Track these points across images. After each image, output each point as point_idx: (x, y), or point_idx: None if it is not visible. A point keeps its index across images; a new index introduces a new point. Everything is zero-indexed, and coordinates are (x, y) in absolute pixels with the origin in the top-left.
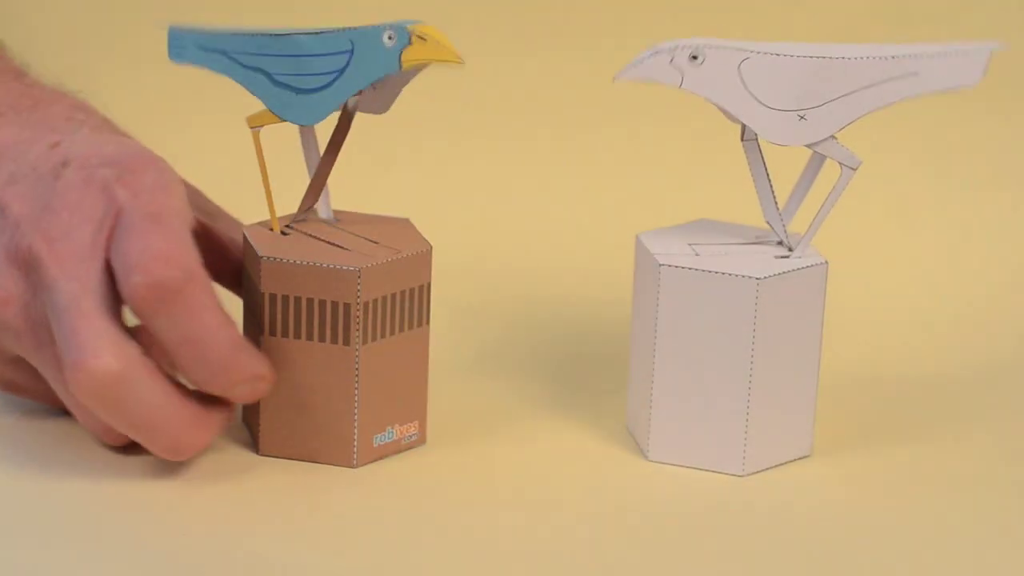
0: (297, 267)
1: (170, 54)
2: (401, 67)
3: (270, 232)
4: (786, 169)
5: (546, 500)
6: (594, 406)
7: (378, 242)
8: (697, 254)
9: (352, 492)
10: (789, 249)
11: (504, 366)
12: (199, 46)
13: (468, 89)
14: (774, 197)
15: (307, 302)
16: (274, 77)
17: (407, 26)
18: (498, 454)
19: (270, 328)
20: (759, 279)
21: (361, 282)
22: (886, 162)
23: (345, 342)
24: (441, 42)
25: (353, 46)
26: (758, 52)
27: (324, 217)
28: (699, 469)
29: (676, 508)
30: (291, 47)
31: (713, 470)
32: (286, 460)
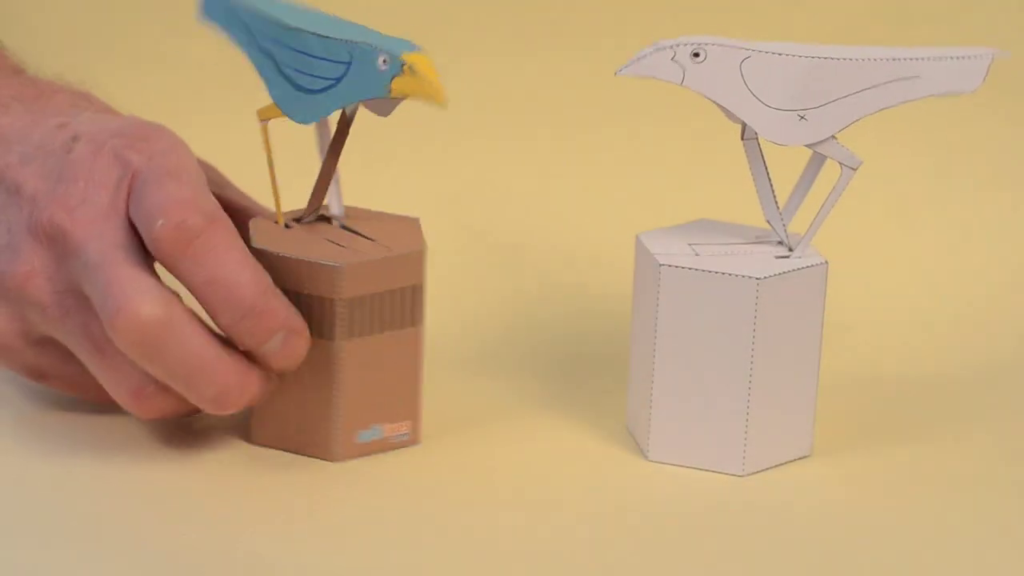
0: (284, 260)
1: (200, 10)
2: (389, 94)
3: (274, 225)
4: (786, 169)
5: (546, 500)
6: (594, 406)
7: (375, 240)
8: (697, 254)
9: (352, 491)
10: (789, 249)
11: (504, 366)
12: (228, 11)
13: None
14: (774, 197)
15: (293, 296)
16: (281, 68)
17: (402, 54)
18: (498, 454)
19: None
20: (759, 279)
21: (344, 278)
22: (886, 162)
23: (328, 337)
24: (428, 79)
25: (351, 59)
26: (760, 51)
27: (335, 213)
28: (699, 469)
29: (676, 508)
30: (300, 43)
31: (713, 470)
32: (286, 458)
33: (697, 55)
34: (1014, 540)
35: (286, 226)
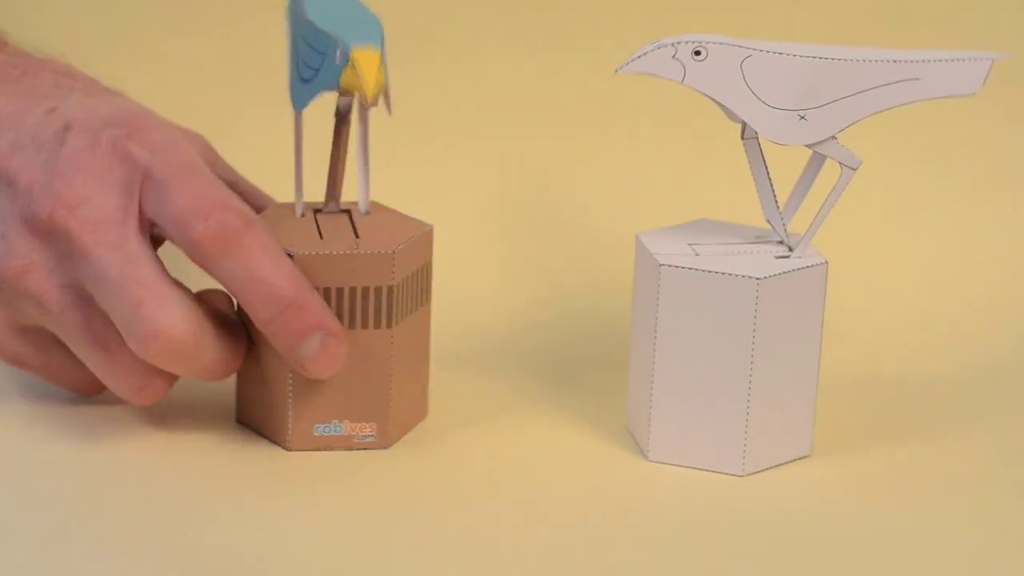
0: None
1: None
2: (339, 87)
3: (290, 213)
4: (786, 169)
5: (546, 500)
6: (594, 406)
7: (360, 237)
8: (697, 254)
9: (351, 490)
10: (789, 249)
11: (504, 365)
12: (293, 3)
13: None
14: (774, 196)
15: None
16: (295, 51)
17: (353, 47)
18: (498, 453)
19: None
20: (759, 279)
21: (305, 269)
22: (886, 162)
23: None
24: (364, 75)
25: (325, 52)
26: (761, 50)
27: (361, 210)
28: (699, 469)
29: (676, 508)
30: (304, 31)
31: (713, 470)
32: (286, 454)
33: (698, 53)
34: (1014, 540)
35: (302, 215)
